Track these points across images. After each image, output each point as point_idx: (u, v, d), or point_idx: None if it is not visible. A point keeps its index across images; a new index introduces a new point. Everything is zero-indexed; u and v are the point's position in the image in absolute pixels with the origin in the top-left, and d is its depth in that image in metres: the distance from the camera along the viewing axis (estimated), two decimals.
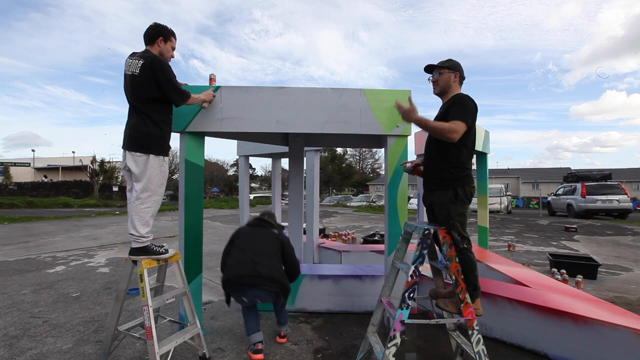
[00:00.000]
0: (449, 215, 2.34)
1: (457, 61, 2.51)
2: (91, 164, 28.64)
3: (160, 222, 12.73)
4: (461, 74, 2.50)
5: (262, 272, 2.64)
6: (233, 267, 2.72)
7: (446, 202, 2.35)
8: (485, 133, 5.32)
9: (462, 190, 2.35)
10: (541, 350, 2.72)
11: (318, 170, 6.31)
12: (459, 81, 2.50)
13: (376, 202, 26.24)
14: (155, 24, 2.60)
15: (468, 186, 2.39)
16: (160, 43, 2.58)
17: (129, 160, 2.43)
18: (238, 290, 2.69)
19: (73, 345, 2.93)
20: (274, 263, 2.77)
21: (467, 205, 2.41)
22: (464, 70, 2.53)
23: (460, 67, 2.50)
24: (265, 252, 2.78)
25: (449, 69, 2.47)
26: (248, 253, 2.75)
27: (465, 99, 2.36)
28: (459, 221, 2.34)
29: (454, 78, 2.47)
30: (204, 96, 2.95)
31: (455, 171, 2.37)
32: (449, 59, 2.52)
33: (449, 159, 2.38)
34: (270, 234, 2.95)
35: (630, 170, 42.52)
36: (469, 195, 2.40)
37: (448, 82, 2.47)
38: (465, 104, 2.32)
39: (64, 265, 5.91)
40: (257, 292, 2.68)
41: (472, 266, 2.35)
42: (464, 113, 2.28)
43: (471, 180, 2.44)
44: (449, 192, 2.35)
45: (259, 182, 60.57)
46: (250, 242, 2.86)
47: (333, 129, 3.14)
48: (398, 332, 2.11)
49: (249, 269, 2.65)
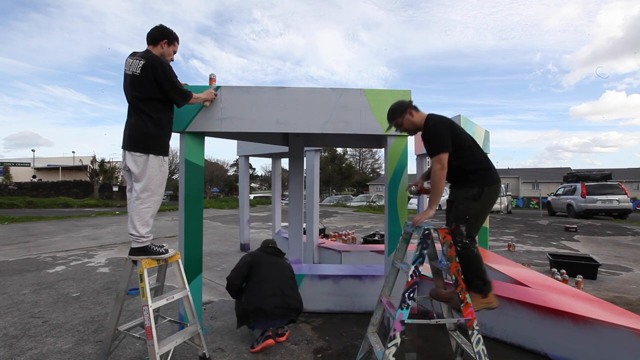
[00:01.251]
0: (466, 209, 2.36)
1: (398, 104, 2.59)
2: (91, 164, 28.61)
3: (160, 222, 12.73)
4: (409, 106, 2.56)
5: (291, 304, 2.91)
6: (267, 298, 2.85)
7: (468, 198, 2.38)
8: (485, 133, 5.32)
9: (487, 189, 2.38)
10: (541, 350, 2.72)
11: (318, 170, 6.31)
12: (415, 110, 2.55)
13: (376, 202, 26.24)
14: (161, 25, 2.62)
15: (494, 185, 2.42)
16: (163, 45, 2.60)
17: (128, 160, 2.43)
18: (268, 320, 2.85)
19: (73, 345, 2.93)
20: (297, 294, 3.05)
21: (487, 208, 2.43)
22: (407, 101, 2.60)
23: (402, 104, 2.57)
24: (289, 284, 3.03)
25: (400, 116, 2.56)
26: (277, 284, 2.95)
27: (431, 129, 2.42)
28: (473, 218, 2.35)
29: (410, 115, 2.54)
30: (206, 95, 2.95)
31: (479, 170, 2.41)
32: (392, 111, 2.60)
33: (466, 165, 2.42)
34: (286, 265, 3.20)
35: (630, 170, 42.51)
36: (493, 195, 2.42)
37: (410, 122, 2.55)
38: (433, 134, 2.40)
39: (64, 265, 5.91)
40: (283, 321, 2.93)
41: (476, 259, 2.35)
42: (435, 145, 2.37)
43: (497, 178, 2.46)
44: (475, 189, 2.38)
45: (259, 182, 60.57)
46: (274, 273, 3.04)
47: (333, 129, 3.14)
48: (398, 332, 2.11)
49: (280, 300, 2.87)
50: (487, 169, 2.43)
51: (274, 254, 3.20)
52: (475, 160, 2.43)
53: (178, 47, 2.71)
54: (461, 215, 2.36)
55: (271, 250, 3.21)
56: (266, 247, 3.23)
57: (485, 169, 2.42)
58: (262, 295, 2.85)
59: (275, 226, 7.31)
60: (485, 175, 2.41)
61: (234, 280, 3.00)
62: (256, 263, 3.05)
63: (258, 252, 3.20)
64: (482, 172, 2.41)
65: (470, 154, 2.43)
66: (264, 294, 2.85)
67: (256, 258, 3.10)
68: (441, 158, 2.34)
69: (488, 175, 2.42)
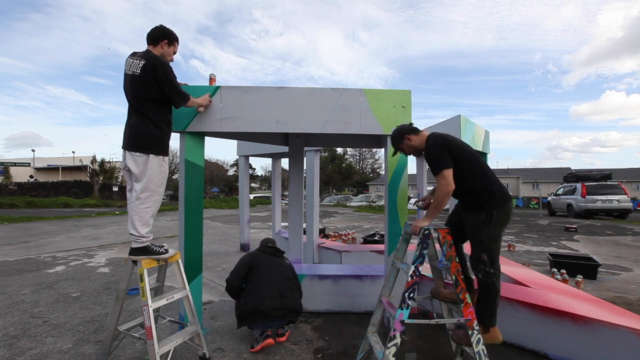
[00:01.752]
0: (482, 237, 2.28)
1: (397, 130, 2.60)
2: (91, 164, 28.62)
3: (160, 222, 12.73)
4: (407, 132, 2.55)
5: (290, 305, 2.92)
6: (266, 299, 2.85)
7: (478, 225, 2.29)
8: (485, 133, 5.32)
9: (496, 211, 2.27)
10: (541, 350, 2.72)
11: (318, 170, 6.31)
12: (414, 134, 2.55)
13: (376, 202, 26.24)
14: (162, 26, 2.63)
15: (503, 206, 2.30)
16: (164, 45, 2.61)
17: (128, 160, 2.43)
18: (267, 321, 2.84)
19: (73, 345, 2.93)
20: (297, 295, 3.05)
21: (502, 228, 2.32)
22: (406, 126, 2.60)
23: (401, 130, 2.58)
24: (289, 285, 3.02)
25: (399, 143, 2.58)
26: (275, 285, 2.94)
27: (429, 149, 2.41)
28: (492, 245, 2.27)
29: (408, 141, 2.54)
30: (201, 100, 2.95)
31: (483, 193, 2.31)
32: (392, 138, 2.64)
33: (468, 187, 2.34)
34: (286, 265, 3.18)
35: (630, 170, 42.52)
36: (504, 217, 2.31)
37: (410, 147, 2.56)
38: (431, 155, 2.37)
39: (64, 265, 5.91)
40: (281, 322, 2.93)
41: (495, 294, 2.29)
42: (436, 165, 2.32)
43: (505, 196, 2.34)
44: (482, 215, 2.28)
45: (259, 182, 60.57)
46: (274, 273, 3.03)
47: (333, 129, 3.14)
48: (398, 332, 2.11)
49: (278, 302, 2.87)
50: (491, 191, 2.31)
51: (273, 254, 3.19)
52: (478, 182, 2.33)
53: (178, 47, 2.72)
54: (479, 244, 2.29)
55: (270, 251, 3.20)
56: (265, 247, 3.22)
57: (489, 191, 2.31)
58: (261, 297, 2.85)
59: (275, 226, 7.31)
60: (490, 198, 2.29)
61: (234, 281, 3.00)
62: (255, 264, 3.05)
63: (257, 252, 3.19)
64: (486, 195, 2.30)
65: (472, 174, 2.34)
66: (263, 296, 2.85)
67: (255, 259, 3.09)
68: (445, 174, 2.27)
69: (493, 197, 2.29)
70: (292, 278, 3.12)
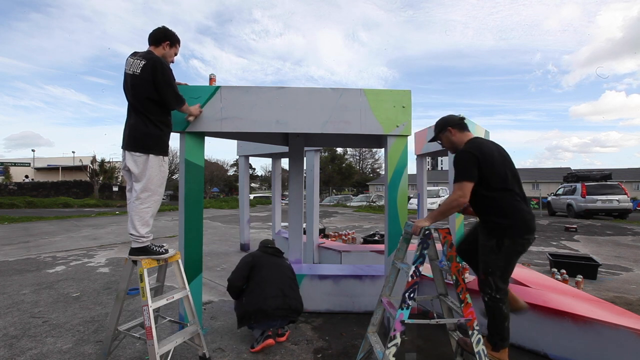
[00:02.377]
0: (488, 262, 2.22)
1: (443, 119, 2.52)
2: (91, 164, 28.60)
3: (160, 222, 12.73)
4: (452, 124, 2.47)
5: (292, 305, 2.92)
6: (268, 299, 2.85)
7: (487, 248, 2.23)
8: (485, 133, 5.32)
9: (510, 241, 2.16)
10: (541, 350, 2.72)
11: (318, 170, 6.31)
12: (458, 129, 2.45)
13: (376, 202, 26.23)
14: (164, 27, 2.64)
15: (520, 238, 2.17)
16: (165, 47, 2.62)
17: (128, 160, 2.43)
18: (269, 321, 2.84)
19: (73, 345, 2.93)
20: (298, 295, 3.05)
21: (512, 260, 2.22)
22: (454, 118, 2.50)
23: (447, 121, 2.49)
24: (290, 285, 3.03)
25: (441, 132, 2.51)
26: (278, 285, 2.94)
27: (459, 154, 2.31)
28: (497, 272, 2.20)
29: (451, 134, 2.46)
30: (193, 109, 2.90)
31: (500, 220, 2.19)
32: (436, 124, 2.55)
33: (488, 209, 2.25)
34: (286, 265, 3.19)
35: (630, 170, 42.51)
36: (519, 247, 2.19)
37: (449, 140, 2.48)
38: (458, 160, 2.28)
39: (64, 265, 5.91)
40: (284, 321, 2.93)
41: (502, 318, 2.23)
42: (458, 173, 2.24)
43: (525, 229, 2.19)
44: (493, 240, 2.19)
45: (259, 182, 60.55)
46: (276, 273, 3.03)
47: (333, 129, 3.14)
48: (398, 332, 2.11)
49: (281, 301, 2.87)
50: (509, 225, 2.16)
51: (274, 254, 3.20)
52: (499, 206, 2.21)
53: (179, 49, 2.73)
54: (485, 267, 2.23)
55: (271, 251, 3.21)
56: (266, 248, 3.23)
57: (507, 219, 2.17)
58: (264, 296, 2.85)
59: (275, 226, 7.31)
60: (506, 226, 2.17)
61: (236, 281, 2.99)
62: (257, 264, 3.05)
63: (259, 252, 3.20)
64: (503, 221, 2.18)
65: (496, 197, 2.21)
66: (265, 295, 2.85)
67: (257, 259, 3.10)
68: (463, 185, 2.18)
69: (509, 226, 2.17)
70: (293, 278, 3.13)
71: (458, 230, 4.69)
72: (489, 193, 2.22)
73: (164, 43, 2.61)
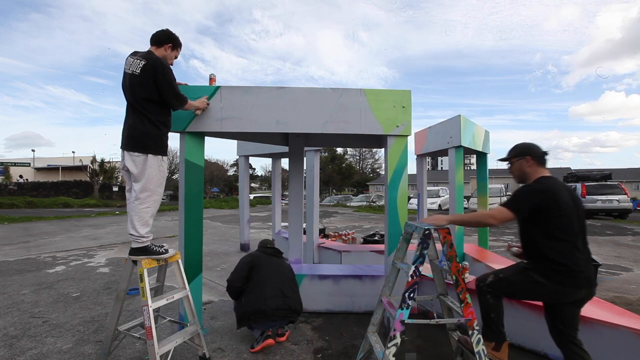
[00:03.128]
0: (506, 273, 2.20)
1: (526, 145, 2.30)
2: (91, 164, 28.59)
3: (160, 222, 12.73)
4: (534, 154, 2.23)
5: (291, 305, 2.92)
6: (268, 300, 2.85)
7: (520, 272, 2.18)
8: (485, 133, 5.33)
9: (553, 285, 2.05)
10: (541, 350, 2.72)
11: (318, 170, 6.31)
12: (536, 162, 2.23)
13: (376, 202, 26.22)
14: (168, 30, 2.67)
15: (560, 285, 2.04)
16: (167, 49, 2.63)
17: (127, 160, 2.43)
18: (269, 321, 2.85)
19: (73, 345, 2.93)
20: (297, 295, 3.05)
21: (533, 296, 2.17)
22: (537, 149, 2.26)
23: (529, 148, 2.26)
24: (290, 285, 3.03)
25: (516, 157, 2.29)
26: (277, 285, 2.94)
27: (525, 188, 2.15)
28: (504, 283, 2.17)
29: (527, 163, 2.24)
30: (198, 103, 2.95)
31: (553, 265, 2.06)
32: (515, 146, 2.33)
33: (540, 257, 2.10)
34: (286, 265, 3.19)
35: (630, 170, 42.50)
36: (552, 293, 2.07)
37: (521, 169, 2.27)
38: (520, 192, 2.13)
39: (64, 265, 5.91)
40: (283, 322, 2.94)
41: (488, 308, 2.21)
42: (512, 201, 2.12)
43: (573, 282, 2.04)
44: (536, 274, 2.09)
45: (259, 182, 60.55)
46: (275, 274, 3.03)
47: (333, 129, 3.14)
48: (398, 332, 2.11)
49: (280, 302, 2.87)
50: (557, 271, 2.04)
51: (273, 254, 3.20)
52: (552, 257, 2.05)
53: (179, 53, 2.75)
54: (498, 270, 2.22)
55: (271, 251, 3.21)
56: (265, 248, 3.22)
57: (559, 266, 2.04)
58: (263, 297, 2.85)
59: (275, 226, 7.31)
60: (550, 273, 2.05)
61: (235, 282, 3.00)
62: (256, 264, 3.05)
63: (258, 252, 3.20)
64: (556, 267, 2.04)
65: (552, 247, 2.06)
66: (265, 296, 2.85)
67: (257, 259, 3.09)
68: (505, 213, 2.08)
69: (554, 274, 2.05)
70: (292, 278, 3.12)
71: (458, 230, 4.69)
72: (547, 242, 2.07)
73: (167, 45, 2.62)
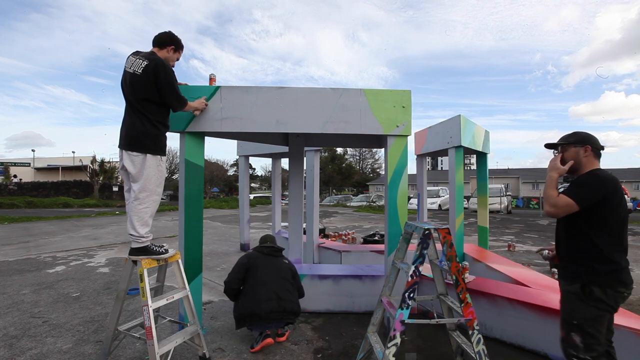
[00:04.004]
0: (572, 311, 1.85)
1: (587, 134, 2.06)
2: (91, 164, 28.59)
3: (160, 222, 12.73)
4: (594, 145, 2.00)
5: (286, 307, 2.90)
6: (262, 303, 2.85)
7: (571, 293, 1.88)
8: (485, 133, 5.33)
9: (600, 291, 1.79)
10: (541, 350, 2.72)
11: (318, 170, 6.31)
12: (594, 155, 2.00)
13: (376, 202, 26.22)
14: (171, 32, 2.69)
15: (611, 289, 1.79)
16: (169, 50, 2.65)
17: (125, 160, 2.43)
18: (263, 324, 2.86)
19: (73, 345, 2.93)
20: (294, 297, 3.03)
21: (604, 313, 1.81)
22: (597, 142, 2.03)
23: (590, 138, 2.03)
24: (286, 287, 3.00)
25: (574, 144, 2.03)
26: (272, 287, 2.93)
27: (589, 176, 1.92)
28: (587, 326, 1.79)
29: (584, 153, 1.99)
30: (197, 104, 2.96)
31: (595, 264, 1.82)
32: (575, 133, 2.09)
33: (583, 252, 1.87)
34: (284, 265, 3.15)
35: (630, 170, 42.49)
36: (610, 301, 1.79)
37: (577, 157, 2.01)
38: (584, 181, 1.91)
39: (64, 265, 5.91)
40: (280, 324, 2.94)
41: None
42: (574, 190, 1.87)
43: (619, 281, 1.81)
44: (577, 284, 1.85)
45: (259, 182, 60.55)
46: (271, 275, 3.01)
47: (333, 129, 3.14)
48: (398, 332, 2.11)
49: (275, 305, 2.86)
50: (604, 271, 1.80)
51: (270, 254, 3.17)
52: (598, 251, 1.83)
53: (181, 55, 2.76)
54: (568, 318, 1.86)
55: (268, 251, 3.17)
56: (263, 248, 3.20)
57: (604, 265, 1.81)
58: (257, 300, 2.85)
59: (275, 226, 7.31)
60: (597, 271, 1.81)
61: (232, 284, 3.01)
62: (252, 265, 3.05)
63: (255, 253, 3.18)
64: (599, 267, 1.81)
65: (598, 243, 1.83)
66: (259, 299, 2.85)
67: (253, 260, 3.09)
68: (562, 200, 1.85)
69: (603, 273, 1.80)
70: (289, 279, 3.08)
71: (458, 230, 4.69)
72: (594, 235, 1.85)
73: (169, 47, 2.64)
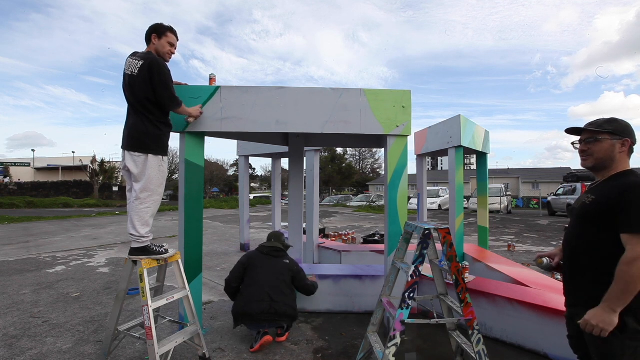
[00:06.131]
0: (612, 353, 1.43)
1: (627, 123, 1.61)
2: (91, 164, 28.60)
3: (160, 222, 12.72)
4: (633, 139, 1.59)
5: (278, 309, 2.88)
6: (253, 303, 2.86)
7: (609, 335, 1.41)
8: (485, 133, 5.33)
9: (634, 321, 1.40)
10: (541, 350, 2.72)
11: (318, 170, 6.31)
12: (628, 151, 1.59)
13: (376, 202, 26.21)
14: (152, 24, 2.60)
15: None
16: (154, 40, 2.58)
17: (127, 160, 2.43)
18: (255, 324, 2.88)
19: (73, 345, 2.93)
20: (289, 299, 2.99)
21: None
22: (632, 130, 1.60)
23: (632, 132, 1.60)
24: (281, 288, 2.97)
25: (611, 134, 1.57)
26: (265, 289, 2.92)
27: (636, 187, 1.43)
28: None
29: (621, 147, 1.57)
30: (192, 110, 2.88)
31: None
32: (613, 119, 1.62)
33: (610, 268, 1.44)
34: (282, 265, 3.11)
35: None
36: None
37: (610, 153, 1.58)
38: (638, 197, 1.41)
39: (64, 265, 5.91)
40: (272, 324, 2.93)
41: None
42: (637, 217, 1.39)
43: None
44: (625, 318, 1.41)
45: (259, 182, 60.55)
46: (266, 276, 3.00)
47: (333, 129, 3.14)
48: (398, 332, 2.11)
49: (267, 306, 2.84)
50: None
51: (270, 254, 3.16)
52: None
53: (174, 37, 2.64)
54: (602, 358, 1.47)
55: (267, 251, 3.17)
56: (263, 247, 3.20)
57: None
58: (249, 300, 2.88)
59: (275, 226, 7.31)
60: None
61: (231, 282, 3.05)
62: (250, 265, 3.06)
63: (255, 253, 3.19)
64: None
65: None
66: (251, 299, 2.88)
67: (251, 260, 3.10)
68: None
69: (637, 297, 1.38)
70: (286, 280, 3.05)
71: (458, 230, 4.69)
72: None
73: (152, 37, 2.57)
